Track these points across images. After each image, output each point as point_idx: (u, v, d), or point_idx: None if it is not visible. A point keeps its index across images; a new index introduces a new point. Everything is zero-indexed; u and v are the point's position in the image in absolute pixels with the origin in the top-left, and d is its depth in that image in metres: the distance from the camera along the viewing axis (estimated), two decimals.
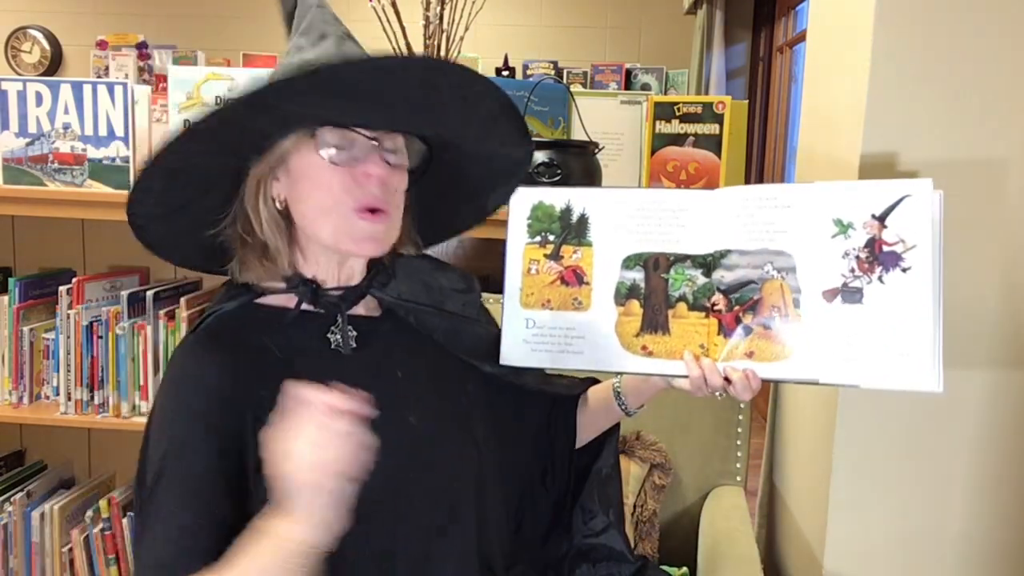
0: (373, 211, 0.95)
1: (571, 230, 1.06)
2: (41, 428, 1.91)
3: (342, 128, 0.94)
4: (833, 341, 0.97)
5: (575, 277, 1.05)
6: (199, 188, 0.97)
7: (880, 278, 0.96)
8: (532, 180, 1.62)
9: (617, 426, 1.23)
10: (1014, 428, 1.26)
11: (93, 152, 1.72)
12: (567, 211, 1.06)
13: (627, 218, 1.04)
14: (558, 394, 1.18)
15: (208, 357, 0.97)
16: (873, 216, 0.96)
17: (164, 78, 1.78)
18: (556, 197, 1.07)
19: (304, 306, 1.00)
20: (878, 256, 0.96)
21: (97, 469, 2.08)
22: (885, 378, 0.96)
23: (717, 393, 1.00)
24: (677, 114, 1.78)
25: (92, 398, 1.75)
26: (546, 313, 1.06)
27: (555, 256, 1.06)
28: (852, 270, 0.97)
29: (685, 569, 1.54)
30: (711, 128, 1.75)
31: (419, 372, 1.05)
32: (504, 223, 1.10)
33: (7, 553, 1.82)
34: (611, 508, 1.22)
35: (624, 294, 1.04)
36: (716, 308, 1.01)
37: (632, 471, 1.60)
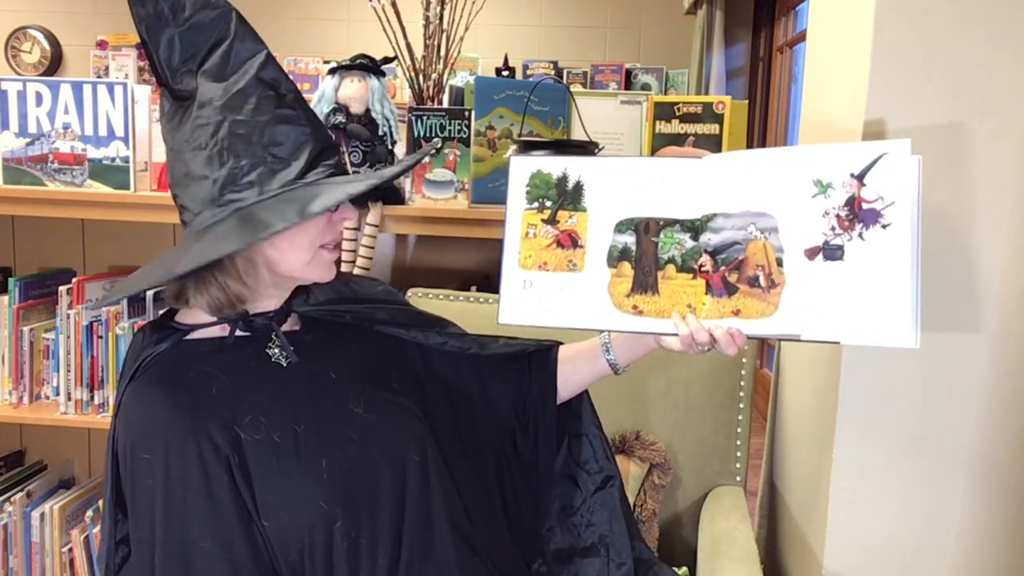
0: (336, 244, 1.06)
1: (567, 196, 1.11)
2: (41, 428, 1.91)
3: None
4: (815, 298, 1.00)
5: (570, 240, 1.11)
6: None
7: (861, 235, 0.98)
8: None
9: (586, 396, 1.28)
10: (1015, 428, 1.26)
11: (93, 152, 1.72)
12: (563, 179, 1.12)
13: (620, 185, 1.09)
14: (529, 353, 1.24)
15: (152, 397, 1.01)
16: (852, 175, 0.99)
17: None
18: (553, 165, 1.13)
19: (238, 332, 1.06)
20: (858, 214, 0.98)
21: (97, 469, 2.08)
22: (865, 334, 0.98)
23: (704, 348, 1.05)
24: (677, 114, 1.78)
25: (92, 398, 1.75)
26: (543, 274, 1.11)
27: (552, 221, 1.12)
28: (833, 228, 1.00)
29: (685, 569, 1.54)
30: (711, 128, 1.75)
31: (351, 369, 1.11)
32: (498, 223, 1.13)
33: (7, 553, 1.82)
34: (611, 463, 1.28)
35: (616, 256, 1.09)
36: (703, 269, 1.05)
37: (632, 471, 1.60)
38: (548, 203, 1.12)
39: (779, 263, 1.02)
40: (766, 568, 1.64)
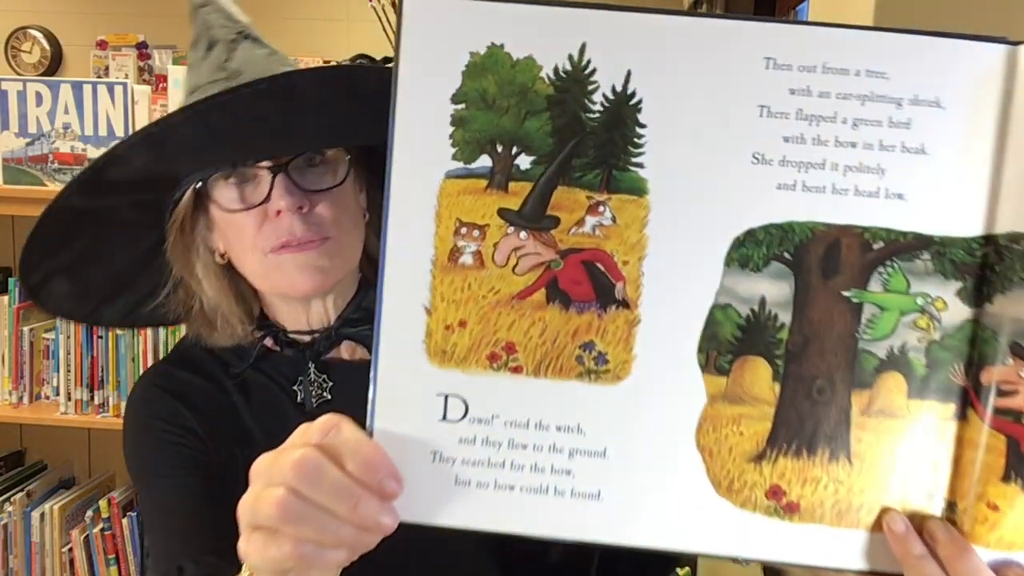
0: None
1: (591, 145, 0.43)
2: (41, 428, 1.91)
3: (235, 166, 0.79)
4: None
5: (590, 283, 0.44)
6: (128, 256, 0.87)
7: None
8: None
9: None
10: None
11: (93, 152, 1.72)
12: (579, 77, 0.43)
13: (755, 116, 0.44)
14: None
15: (161, 395, 0.88)
16: None
17: (164, 78, 1.79)
18: (540, 30, 0.44)
19: (273, 346, 0.89)
20: None
21: (97, 469, 2.08)
22: None
23: None
24: None
25: (92, 398, 1.75)
26: (503, 381, 0.45)
27: (533, 216, 0.44)
28: None
29: (687, 569, 1.54)
30: None
31: None
32: None
33: (7, 553, 1.82)
34: None
35: (729, 343, 0.44)
36: (1003, 406, 0.42)
37: None
38: (523, 159, 0.44)
39: None
40: (766, 568, 1.64)
